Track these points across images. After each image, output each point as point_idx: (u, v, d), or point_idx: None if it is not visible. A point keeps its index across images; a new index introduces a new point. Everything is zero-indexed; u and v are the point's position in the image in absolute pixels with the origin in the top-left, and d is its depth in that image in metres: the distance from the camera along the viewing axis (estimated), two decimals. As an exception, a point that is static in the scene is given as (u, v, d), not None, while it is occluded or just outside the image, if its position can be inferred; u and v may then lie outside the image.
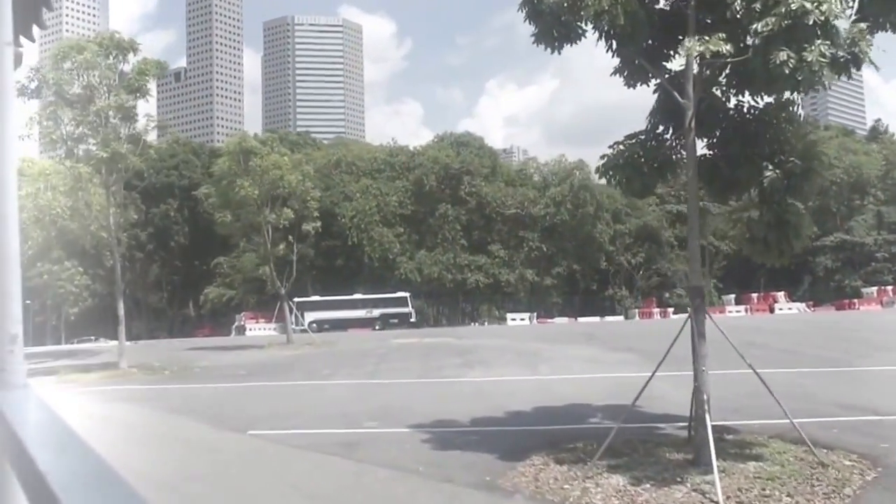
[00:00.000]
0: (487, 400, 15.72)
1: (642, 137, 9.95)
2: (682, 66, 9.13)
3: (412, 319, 67.39)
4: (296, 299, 69.32)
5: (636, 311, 75.62)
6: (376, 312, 66.38)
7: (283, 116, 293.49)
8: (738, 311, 71.36)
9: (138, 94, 25.36)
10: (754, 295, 76.40)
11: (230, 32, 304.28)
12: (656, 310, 75.58)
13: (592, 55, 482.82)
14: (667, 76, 9.60)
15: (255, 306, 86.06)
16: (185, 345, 43.97)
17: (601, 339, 33.15)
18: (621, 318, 75.32)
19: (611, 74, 10.03)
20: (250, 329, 71.61)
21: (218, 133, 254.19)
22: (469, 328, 61.05)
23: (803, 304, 74.37)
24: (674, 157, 10.07)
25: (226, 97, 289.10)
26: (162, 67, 25.98)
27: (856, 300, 71.15)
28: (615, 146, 9.91)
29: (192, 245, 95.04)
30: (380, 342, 37.15)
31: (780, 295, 75.35)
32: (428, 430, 12.19)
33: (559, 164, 79.36)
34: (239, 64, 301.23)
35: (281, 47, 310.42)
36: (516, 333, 43.52)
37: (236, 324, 76.32)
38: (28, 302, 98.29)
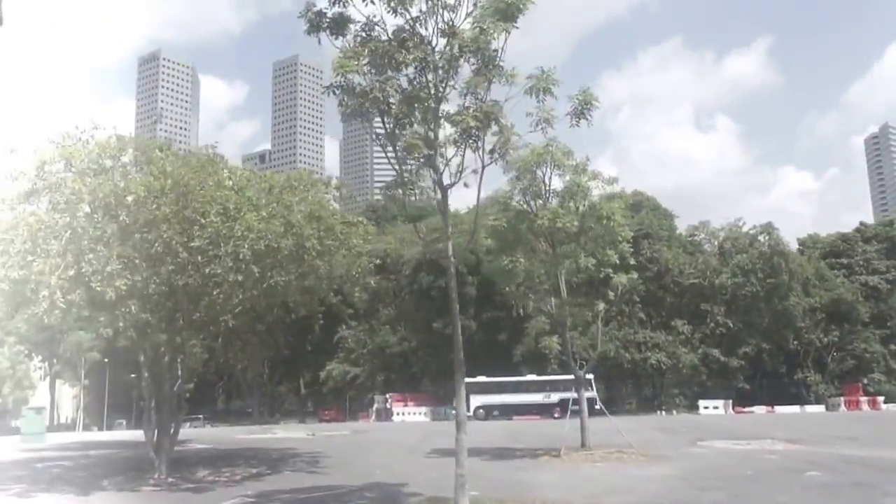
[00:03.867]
0: None
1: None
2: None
3: (597, 406, 54.13)
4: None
5: (840, 399, 60.78)
6: (555, 397, 53.44)
7: (359, 197, 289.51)
8: None
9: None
10: None
11: (312, 120, 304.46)
12: (863, 398, 60.68)
13: (651, 145, 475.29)
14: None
15: (381, 386, 73.92)
16: (410, 440, 30.83)
17: None
18: (821, 408, 60.69)
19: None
20: (398, 413, 58.99)
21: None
22: (686, 419, 47.42)
23: None
24: None
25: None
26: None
27: None
28: None
29: (304, 317, 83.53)
30: (695, 444, 24.23)
31: None
32: None
33: (735, 228, 66.46)
34: (320, 146, 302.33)
35: (359, 135, 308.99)
36: (821, 434, 30.02)
37: (376, 406, 63.79)
38: (133, 375, 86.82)
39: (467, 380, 54.98)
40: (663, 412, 59.06)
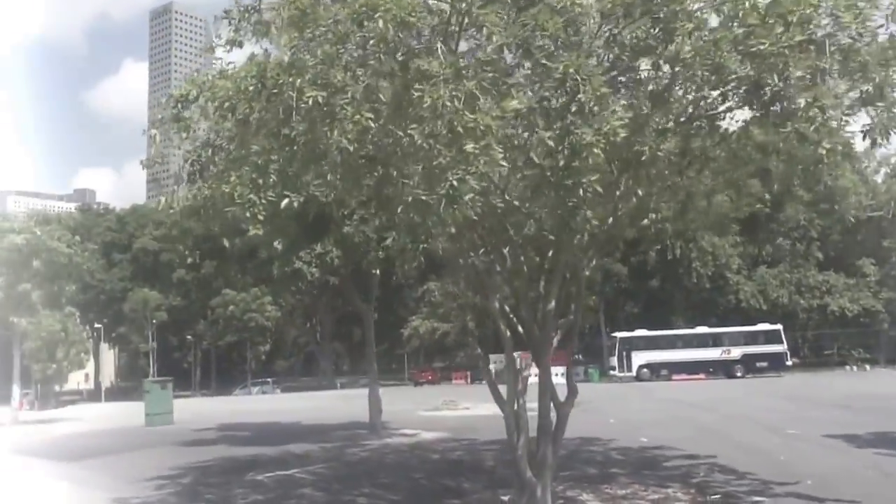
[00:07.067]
0: None
1: None
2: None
3: (788, 363, 44.73)
4: (617, 334, 47.40)
5: None
6: (735, 352, 43.76)
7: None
8: None
9: None
10: None
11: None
12: None
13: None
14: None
15: (475, 344, 63.73)
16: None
17: None
18: None
19: None
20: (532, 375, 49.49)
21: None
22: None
23: None
24: None
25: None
26: None
27: None
28: None
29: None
30: None
31: None
32: None
33: (919, 150, 55.30)
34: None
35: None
36: None
37: (493, 366, 54.01)
38: (189, 337, 75.03)
39: (626, 334, 45.44)
40: (853, 368, 49.29)
